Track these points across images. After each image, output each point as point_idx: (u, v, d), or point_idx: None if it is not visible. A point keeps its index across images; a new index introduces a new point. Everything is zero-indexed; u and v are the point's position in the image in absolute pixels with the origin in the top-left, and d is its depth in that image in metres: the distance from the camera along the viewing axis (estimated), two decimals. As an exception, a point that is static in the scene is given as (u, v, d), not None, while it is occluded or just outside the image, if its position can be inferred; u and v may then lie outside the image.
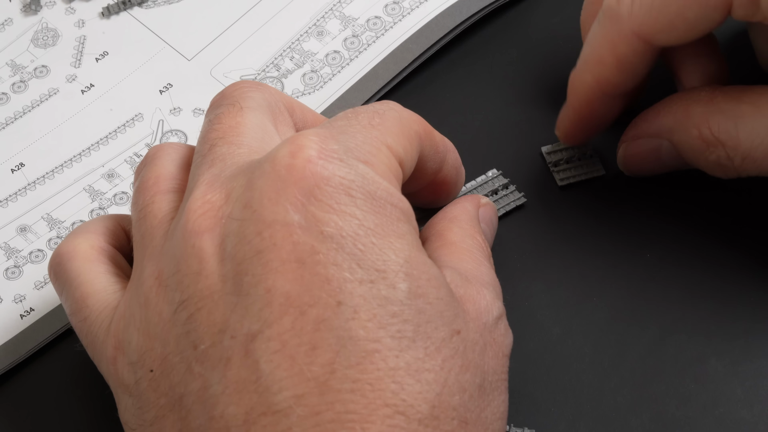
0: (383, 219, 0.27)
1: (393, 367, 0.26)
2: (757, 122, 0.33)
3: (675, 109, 0.35)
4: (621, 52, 0.34)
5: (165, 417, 0.27)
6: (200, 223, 0.28)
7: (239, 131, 0.31)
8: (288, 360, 0.25)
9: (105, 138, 0.43)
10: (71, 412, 0.36)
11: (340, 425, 0.25)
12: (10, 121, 0.44)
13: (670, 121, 0.35)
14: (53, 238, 0.40)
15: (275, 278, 0.26)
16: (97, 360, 0.31)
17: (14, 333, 0.37)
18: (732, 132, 0.33)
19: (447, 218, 0.34)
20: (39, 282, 0.39)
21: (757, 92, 0.33)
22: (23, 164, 0.42)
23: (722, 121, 0.33)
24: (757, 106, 0.33)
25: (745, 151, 0.33)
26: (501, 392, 0.29)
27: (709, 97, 0.34)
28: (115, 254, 0.34)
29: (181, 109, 0.43)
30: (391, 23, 0.43)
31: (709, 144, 0.34)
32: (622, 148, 0.37)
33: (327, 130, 0.29)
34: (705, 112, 0.34)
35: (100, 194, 0.41)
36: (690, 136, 0.34)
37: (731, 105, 0.33)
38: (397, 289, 0.26)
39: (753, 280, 0.35)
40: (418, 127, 0.31)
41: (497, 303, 0.30)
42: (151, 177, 0.32)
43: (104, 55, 0.45)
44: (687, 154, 0.35)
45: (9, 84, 0.45)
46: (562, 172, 0.38)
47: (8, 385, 0.37)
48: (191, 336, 0.27)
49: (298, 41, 0.44)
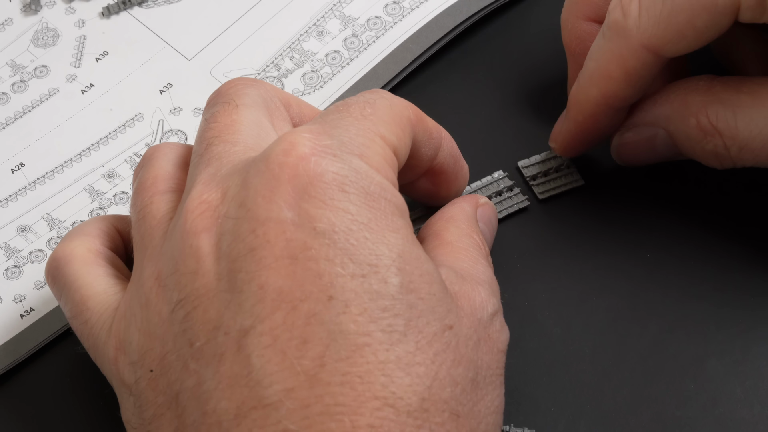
0: (377, 213, 0.28)
1: (383, 361, 0.26)
2: (755, 112, 0.33)
3: (672, 98, 0.35)
4: (630, 66, 0.34)
5: (162, 415, 0.28)
6: (197, 223, 0.28)
7: (235, 129, 0.31)
8: (279, 354, 0.26)
9: (105, 138, 0.43)
10: (71, 413, 0.36)
11: (329, 417, 0.25)
12: (10, 121, 0.44)
13: (667, 110, 0.35)
14: (53, 238, 0.40)
15: (268, 274, 0.26)
16: (99, 361, 0.31)
17: (14, 333, 0.37)
18: (730, 121, 0.33)
19: (444, 218, 0.34)
20: (39, 282, 0.39)
21: (756, 83, 0.33)
22: (23, 164, 0.42)
23: (721, 111, 0.33)
24: (756, 97, 0.33)
25: (742, 141, 0.33)
26: (495, 387, 0.29)
27: (708, 87, 0.34)
28: (112, 256, 0.34)
29: (181, 109, 0.43)
30: (391, 23, 0.43)
31: (706, 133, 0.34)
32: (616, 137, 0.37)
33: (320, 126, 0.29)
34: (703, 101, 0.34)
35: (100, 194, 0.41)
36: (687, 126, 0.34)
37: (730, 94, 0.33)
38: (388, 284, 0.27)
39: (753, 280, 0.35)
40: (409, 113, 0.31)
41: (493, 300, 0.30)
42: (149, 178, 0.32)
43: (104, 54, 0.45)
44: (683, 143, 0.35)
45: (9, 84, 0.45)
46: (541, 185, 0.38)
47: (9, 384, 0.37)
48: (187, 334, 0.27)
49: (298, 41, 0.44)
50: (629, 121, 0.36)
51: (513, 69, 0.42)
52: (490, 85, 0.42)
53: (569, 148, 0.38)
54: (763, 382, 0.33)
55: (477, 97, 0.42)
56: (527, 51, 0.43)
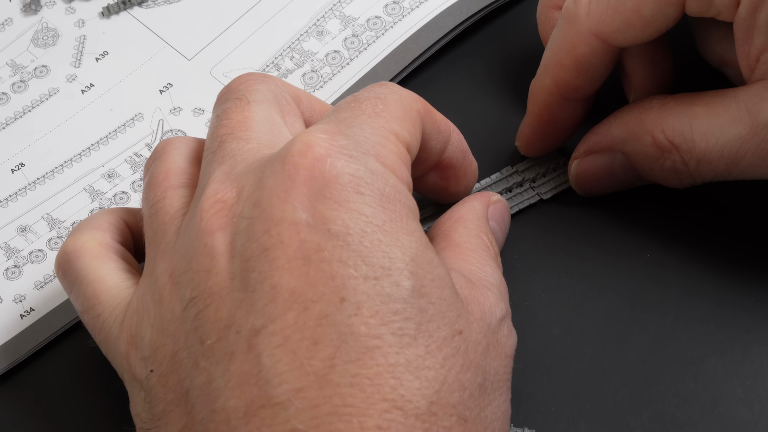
0: (391, 216, 0.28)
1: (393, 364, 0.26)
2: (710, 122, 0.33)
3: (627, 119, 0.35)
4: (579, 53, 0.34)
5: (172, 412, 0.28)
6: (212, 222, 0.28)
7: (247, 126, 0.31)
8: (289, 354, 0.26)
9: (105, 138, 0.43)
10: (71, 412, 0.36)
11: (337, 418, 0.25)
12: (10, 121, 0.44)
13: (622, 132, 0.35)
14: (53, 238, 0.40)
15: (281, 275, 0.26)
16: (110, 355, 0.31)
17: (14, 333, 0.37)
18: (687, 134, 0.33)
19: (453, 218, 0.34)
20: (39, 282, 0.39)
21: (709, 95, 0.33)
22: (23, 164, 0.42)
23: (677, 124, 0.33)
24: (710, 107, 0.33)
25: (700, 152, 0.33)
26: (502, 392, 0.29)
27: (661, 104, 0.34)
28: (122, 250, 0.34)
29: (181, 109, 0.43)
30: (391, 23, 0.43)
31: (663, 150, 0.34)
32: (573, 165, 0.37)
33: (334, 125, 0.29)
34: (658, 117, 0.34)
35: (100, 194, 0.41)
36: (644, 144, 0.34)
37: (684, 108, 0.33)
38: (401, 287, 0.27)
39: (753, 280, 0.35)
40: (418, 106, 0.31)
41: (501, 304, 0.30)
42: (161, 172, 0.32)
43: (104, 54, 0.45)
44: (641, 164, 0.35)
45: (9, 84, 0.45)
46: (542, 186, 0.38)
47: (9, 384, 0.37)
48: (199, 332, 0.27)
49: (298, 41, 0.44)
50: (585, 148, 0.36)
51: (513, 69, 0.42)
52: (490, 85, 0.42)
53: (530, 143, 0.38)
54: (763, 382, 0.33)
55: (477, 97, 0.42)
56: (527, 51, 0.43)
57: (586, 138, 0.36)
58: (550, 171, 0.38)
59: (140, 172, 0.41)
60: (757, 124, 0.32)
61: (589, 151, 0.36)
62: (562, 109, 0.36)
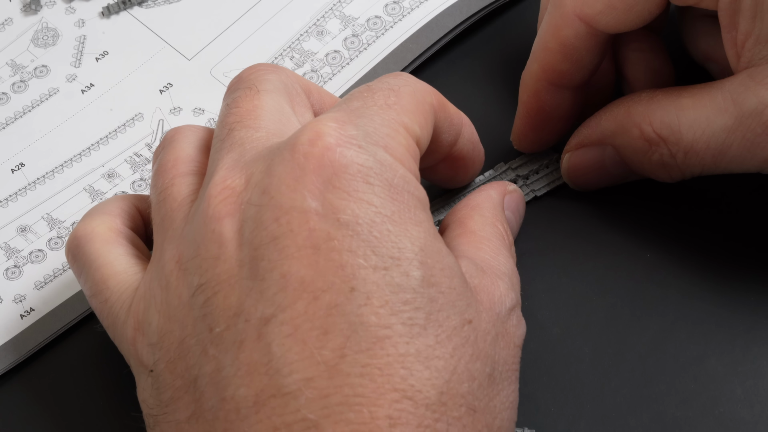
0: (400, 206, 0.28)
1: (403, 353, 0.26)
2: (697, 113, 0.32)
3: (616, 113, 0.35)
4: (564, 36, 0.34)
5: (180, 398, 0.28)
6: (220, 208, 0.28)
7: (257, 114, 0.31)
8: (300, 344, 0.26)
9: (105, 138, 0.43)
10: (74, 408, 0.36)
11: (347, 408, 0.25)
12: (10, 121, 0.44)
13: (611, 125, 0.35)
14: (53, 238, 0.40)
15: (290, 264, 0.26)
16: (117, 340, 0.32)
17: (14, 333, 0.37)
18: (674, 126, 0.33)
19: (469, 206, 0.34)
20: (39, 282, 0.39)
21: (697, 87, 0.33)
22: (23, 164, 0.42)
23: (663, 116, 0.33)
24: (696, 99, 0.33)
25: (687, 144, 0.33)
26: (511, 382, 0.29)
27: (650, 97, 0.34)
28: (133, 236, 0.34)
29: (181, 109, 0.43)
30: (391, 23, 0.43)
31: (651, 142, 0.34)
32: (564, 159, 0.37)
33: (345, 114, 0.29)
34: (645, 110, 0.34)
35: (100, 194, 0.41)
36: (632, 137, 0.34)
37: (671, 100, 0.33)
38: (410, 277, 0.27)
39: (753, 280, 0.35)
40: (432, 99, 0.31)
41: (511, 294, 0.30)
42: (170, 159, 0.32)
43: (104, 54, 0.45)
44: (630, 158, 0.35)
45: (9, 84, 0.45)
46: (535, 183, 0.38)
47: (12, 383, 0.37)
48: (207, 319, 0.27)
49: (298, 41, 0.44)
50: (576, 141, 0.36)
51: (513, 69, 0.42)
52: (490, 85, 0.42)
53: (522, 136, 0.38)
54: (763, 382, 0.33)
55: (477, 97, 0.42)
56: (527, 51, 0.43)
57: (578, 131, 0.36)
58: (543, 168, 0.38)
59: (140, 173, 0.41)
60: (742, 114, 0.31)
61: (580, 145, 0.36)
62: (551, 95, 0.36)
